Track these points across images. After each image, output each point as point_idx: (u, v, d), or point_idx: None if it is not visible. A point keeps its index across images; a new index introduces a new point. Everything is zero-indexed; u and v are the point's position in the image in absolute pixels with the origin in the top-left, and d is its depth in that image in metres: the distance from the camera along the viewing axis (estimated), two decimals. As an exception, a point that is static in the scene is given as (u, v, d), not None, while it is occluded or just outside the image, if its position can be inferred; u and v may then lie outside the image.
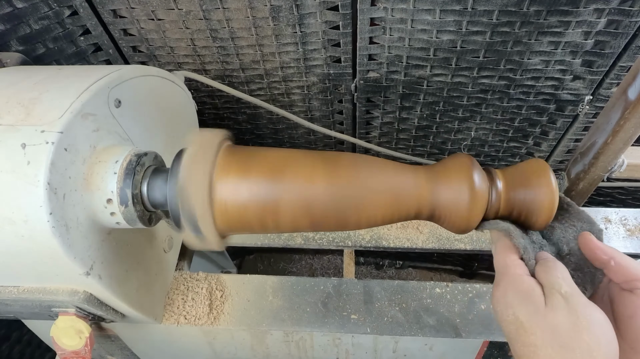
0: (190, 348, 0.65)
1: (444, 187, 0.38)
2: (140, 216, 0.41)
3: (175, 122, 0.57)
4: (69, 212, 0.37)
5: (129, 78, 0.46)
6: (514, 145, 0.82)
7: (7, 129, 0.37)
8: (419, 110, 0.75)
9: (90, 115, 0.40)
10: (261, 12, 0.61)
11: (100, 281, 0.42)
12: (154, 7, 0.61)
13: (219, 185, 0.36)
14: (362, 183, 0.38)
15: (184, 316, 0.60)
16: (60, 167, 0.36)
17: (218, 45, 0.67)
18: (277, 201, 0.37)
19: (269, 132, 0.85)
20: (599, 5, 0.56)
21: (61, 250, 0.37)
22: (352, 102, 0.75)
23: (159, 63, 0.71)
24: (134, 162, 0.41)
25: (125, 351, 0.68)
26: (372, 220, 0.39)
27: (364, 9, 0.60)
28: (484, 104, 0.73)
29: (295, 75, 0.71)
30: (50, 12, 0.60)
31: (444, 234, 0.70)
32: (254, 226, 0.38)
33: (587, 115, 0.71)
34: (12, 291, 0.44)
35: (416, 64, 0.66)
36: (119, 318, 0.51)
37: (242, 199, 0.37)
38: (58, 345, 0.50)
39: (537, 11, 0.56)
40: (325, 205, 0.37)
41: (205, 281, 0.63)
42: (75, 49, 0.66)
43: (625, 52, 0.61)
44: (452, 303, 0.61)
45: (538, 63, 0.64)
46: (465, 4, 0.57)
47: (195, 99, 0.62)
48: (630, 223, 0.69)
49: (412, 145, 0.85)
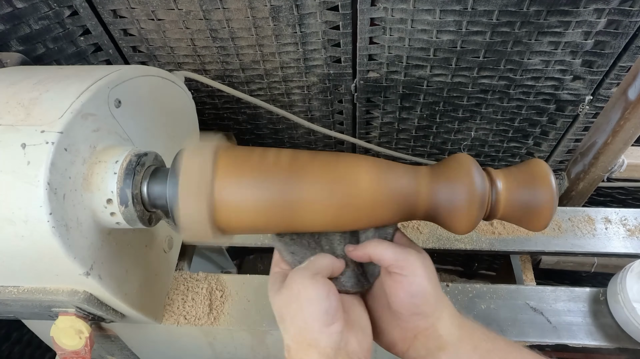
0: (190, 348, 0.65)
1: (444, 187, 0.38)
2: (140, 216, 0.41)
3: (175, 122, 0.57)
4: (69, 212, 0.37)
5: (129, 78, 0.46)
6: (514, 145, 0.82)
7: (7, 129, 0.37)
8: (419, 110, 0.75)
9: (90, 115, 0.40)
10: (261, 12, 0.61)
11: (100, 281, 0.42)
12: (154, 7, 0.61)
13: (219, 185, 0.36)
14: (361, 183, 0.38)
15: (184, 316, 0.60)
16: (60, 167, 0.36)
17: (218, 45, 0.67)
18: (277, 201, 0.37)
19: (269, 132, 0.85)
20: (599, 5, 0.56)
21: (61, 250, 0.37)
22: (352, 102, 0.75)
23: (159, 63, 0.71)
24: (134, 162, 0.41)
25: (125, 351, 0.68)
26: (372, 220, 0.39)
27: (364, 9, 0.60)
28: (484, 104, 0.73)
29: (295, 75, 0.71)
30: (50, 12, 0.60)
31: (444, 234, 0.70)
32: (254, 226, 0.38)
33: (587, 115, 0.71)
34: (12, 292, 0.44)
35: (416, 64, 0.66)
36: (119, 318, 0.51)
37: (243, 199, 0.37)
38: (58, 345, 0.50)
39: (537, 11, 0.56)
40: (323, 204, 0.37)
41: (205, 281, 0.63)
42: (75, 49, 0.66)
43: (625, 52, 0.61)
44: (452, 303, 0.61)
45: (538, 63, 0.64)
46: (465, 4, 0.57)
47: (195, 99, 0.62)
48: (630, 223, 0.69)
49: (412, 145, 0.85)
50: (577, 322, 0.59)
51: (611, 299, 0.59)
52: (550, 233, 0.68)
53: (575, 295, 0.61)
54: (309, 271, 0.37)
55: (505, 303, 0.61)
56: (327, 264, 0.39)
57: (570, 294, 0.61)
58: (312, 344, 0.35)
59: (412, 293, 0.37)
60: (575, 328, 0.58)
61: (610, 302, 0.59)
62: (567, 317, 0.59)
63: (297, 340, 0.36)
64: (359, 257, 0.40)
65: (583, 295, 0.61)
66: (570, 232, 0.69)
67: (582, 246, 0.67)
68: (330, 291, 0.36)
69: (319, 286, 0.36)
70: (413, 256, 0.38)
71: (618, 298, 0.57)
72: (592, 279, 1.02)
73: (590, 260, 0.83)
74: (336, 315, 0.36)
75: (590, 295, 0.61)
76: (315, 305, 0.35)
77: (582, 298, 0.61)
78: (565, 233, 0.69)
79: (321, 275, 0.37)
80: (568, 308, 0.60)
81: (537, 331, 0.58)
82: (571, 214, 0.70)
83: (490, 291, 0.62)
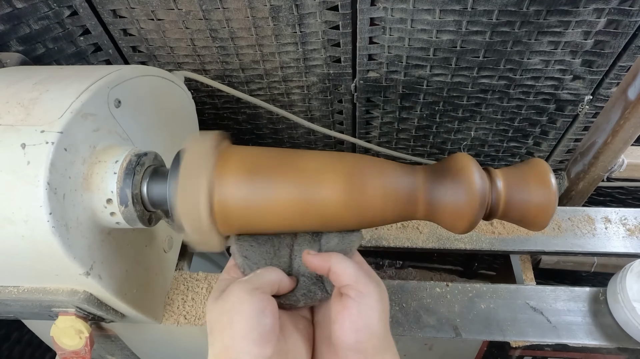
0: (190, 348, 0.65)
1: (444, 187, 0.38)
2: (140, 216, 0.41)
3: (175, 122, 0.57)
4: (69, 212, 0.37)
5: (129, 78, 0.46)
6: (514, 145, 0.82)
7: (7, 129, 0.37)
8: (418, 110, 0.75)
9: (90, 115, 0.40)
10: (261, 12, 0.61)
11: (100, 281, 0.42)
12: (154, 7, 0.61)
13: (219, 185, 0.36)
14: (361, 184, 0.38)
15: (184, 316, 0.60)
16: (60, 167, 0.36)
17: (218, 45, 0.67)
18: (276, 201, 0.37)
19: (268, 132, 0.85)
20: (599, 5, 0.56)
21: (61, 250, 0.37)
22: (352, 102, 0.75)
23: (159, 63, 0.71)
24: (134, 162, 0.41)
25: (125, 351, 0.68)
26: (372, 220, 0.39)
27: (364, 9, 0.60)
28: (483, 104, 0.73)
29: (295, 75, 0.71)
30: (50, 12, 0.60)
31: (444, 234, 0.70)
32: (255, 226, 0.38)
33: (587, 115, 0.71)
34: (12, 292, 0.44)
35: (416, 64, 0.66)
36: (119, 318, 0.51)
37: (242, 199, 0.37)
38: (58, 345, 0.50)
39: (537, 11, 0.56)
40: (323, 205, 0.37)
41: (205, 281, 0.63)
42: (75, 49, 0.66)
43: (625, 52, 0.61)
44: (452, 303, 0.61)
45: (538, 63, 0.64)
46: (465, 3, 0.57)
47: (195, 99, 0.62)
48: (630, 223, 0.69)
49: (412, 145, 0.85)
50: (577, 322, 0.59)
51: (611, 299, 0.59)
52: (550, 233, 0.68)
53: (575, 294, 0.61)
54: (250, 284, 0.34)
55: (505, 302, 0.61)
56: (272, 279, 0.36)
57: (570, 294, 0.61)
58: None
59: (358, 326, 0.33)
60: (575, 327, 0.58)
61: (610, 302, 0.59)
62: (567, 317, 0.59)
63: (220, 358, 0.32)
64: (316, 266, 0.37)
65: (583, 294, 0.61)
66: (570, 232, 0.69)
67: (582, 246, 0.67)
68: (267, 309, 0.33)
69: (254, 301, 0.33)
70: (373, 285, 0.34)
71: (618, 297, 0.57)
72: (592, 279, 1.02)
73: (590, 260, 0.83)
74: (268, 337, 0.32)
75: (590, 295, 0.61)
76: (246, 321, 0.32)
77: (582, 297, 0.61)
78: (565, 232, 0.69)
79: (261, 290, 0.34)
80: (568, 307, 0.60)
81: (536, 330, 0.58)
82: (571, 214, 0.70)
83: (490, 291, 0.62)
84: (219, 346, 0.33)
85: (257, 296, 0.33)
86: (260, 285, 0.34)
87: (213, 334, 0.34)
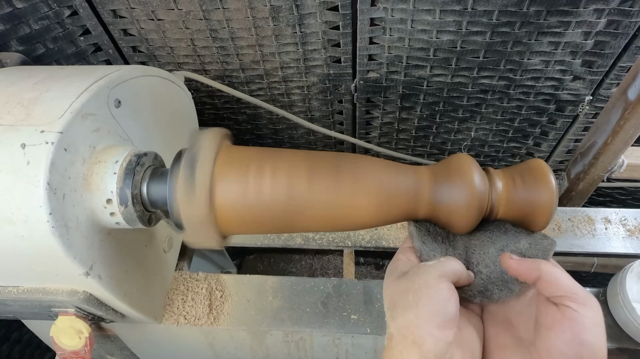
0: (190, 348, 0.65)
1: (444, 187, 0.38)
2: (140, 216, 0.41)
3: (175, 122, 0.57)
4: (68, 212, 0.37)
5: (129, 78, 0.46)
6: (514, 145, 0.82)
7: (7, 129, 0.37)
8: (419, 110, 0.75)
9: (90, 115, 0.40)
10: (261, 12, 0.61)
11: (100, 281, 0.42)
12: (154, 7, 0.61)
13: (219, 185, 0.36)
14: (362, 184, 0.38)
15: (184, 316, 0.60)
16: (60, 167, 0.36)
17: (218, 45, 0.67)
18: (276, 201, 0.37)
19: (269, 132, 0.85)
20: (599, 6, 0.56)
21: (61, 250, 0.37)
22: (352, 102, 0.75)
23: (159, 63, 0.71)
24: (134, 162, 0.41)
25: (125, 351, 0.68)
26: (372, 220, 0.39)
27: (364, 9, 0.60)
28: (483, 104, 0.73)
29: (295, 75, 0.71)
30: (50, 12, 0.60)
31: (444, 234, 0.70)
32: (254, 226, 0.38)
33: (587, 116, 0.71)
34: (12, 291, 0.44)
35: (416, 64, 0.66)
36: (119, 318, 0.51)
37: (242, 199, 0.37)
38: (58, 345, 0.50)
39: (537, 11, 0.56)
40: (322, 205, 0.37)
41: (205, 281, 0.63)
42: (75, 49, 0.66)
43: (625, 52, 0.61)
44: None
45: (538, 63, 0.64)
46: (465, 4, 0.57)
47: (195, 99, 0.62)
48: (630, 223, 0.69)
49: (412, 145, 0.85)
50: (577, 322, 0.59)
51: (611, 299, 0.59)
52: (550, 233, 0.68)
53: (575, 295, 0.61)
54: (437, 270, 0.35)
55: (505, 303, 0.61)
56: (456, 269, 0.36)
57: (570, 294, 0.61)
58: (417, 342, 0.33)
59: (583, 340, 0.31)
60: (575, 328, 0.58)
61: (610, 302, 0.59)
62: (567, 317, 0.59)
63: (402, 333, 0.34)
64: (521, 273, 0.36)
65: (583, 295, 0.61)
66: (570, 232, 0.69)
67: (582, 247, 0.67)
68: (452, 298, 0.34)
69: (442, 287, 0.34)
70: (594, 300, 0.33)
71: (618, 298, 0.57)
72: (592, 279, 1.02)
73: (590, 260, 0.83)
74: (451, 324, 0.33)
75: (590, 295, 0.61)
76: (433, 305, 0.33)
77: (582, 298, 0.61)
78: (565, 233, 0.69)
79: (447, 278, 0.35)
80: (568, 308, 0.60)
81: (537, 331, 0.58)
82: (571, 214, 0.70)
83: (490, 292, 0.62)
84: (401, 321, 0.34)
85: (444, 283, 0.34)
86: (446, 273, 0.35)
87: (396, 310, 0.35)
